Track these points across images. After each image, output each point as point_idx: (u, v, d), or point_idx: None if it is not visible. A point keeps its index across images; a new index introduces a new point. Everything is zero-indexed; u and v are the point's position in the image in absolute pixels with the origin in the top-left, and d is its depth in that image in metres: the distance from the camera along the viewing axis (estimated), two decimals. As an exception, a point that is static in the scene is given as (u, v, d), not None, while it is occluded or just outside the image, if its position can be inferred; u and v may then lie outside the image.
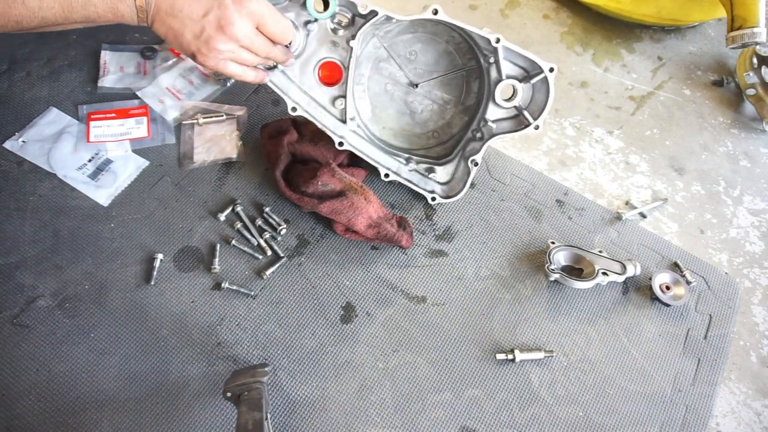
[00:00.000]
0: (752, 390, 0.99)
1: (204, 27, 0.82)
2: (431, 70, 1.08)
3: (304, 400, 0.91)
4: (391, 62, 1.07)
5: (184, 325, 0.95)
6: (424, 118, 1.10)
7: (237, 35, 0.83)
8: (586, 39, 1.45)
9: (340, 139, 1.03)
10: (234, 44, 0.84)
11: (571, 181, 1.20)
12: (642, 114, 1.32)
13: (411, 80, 1.08)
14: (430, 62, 1.07)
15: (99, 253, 1.00)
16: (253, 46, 0.87)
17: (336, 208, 1.01)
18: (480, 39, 0.99)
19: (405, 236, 1.03)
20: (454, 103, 1.10)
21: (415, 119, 1.10)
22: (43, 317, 0.93)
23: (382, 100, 1.09)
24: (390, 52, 1.06)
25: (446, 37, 1.05)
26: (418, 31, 1.04)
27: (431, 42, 1.06)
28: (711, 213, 1.18)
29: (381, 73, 1.08)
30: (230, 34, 0.83)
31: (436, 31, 1.04)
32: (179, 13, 0.82)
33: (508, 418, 0.92)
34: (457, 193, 1.08)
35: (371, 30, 1.01)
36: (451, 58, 1.07)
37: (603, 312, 1.03)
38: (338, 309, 0.99)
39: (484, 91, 1.05)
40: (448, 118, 1.10)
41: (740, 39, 1.21)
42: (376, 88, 1.09)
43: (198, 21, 0.82)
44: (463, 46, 1.05)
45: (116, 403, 0.88)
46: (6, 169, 1.06)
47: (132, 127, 1.13)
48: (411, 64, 1.08)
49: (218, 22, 0.82)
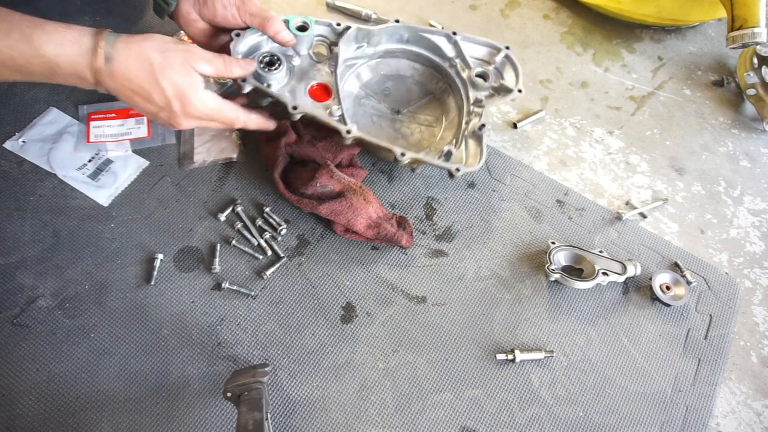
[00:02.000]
0: (752, 390, 0.99)
1: (159, 118, 0.90)
2: (407, 99, 1.17)
3: (304, 400, 0.91)
4: (370, 98, 1.15)
5: (184, 325, 0.95)
6: (416, 139, 1.13)
7: (190, 124, 0.92)
8: (586, 39, 1.44)
9: (347, 128, 1.01)
10: (191, 125, 0.92)
11: (571, 181, 1.20)
12: (642, 114, 1.32)
13: (392, 109, 1.16)
14: (404, 93, 1.18)
15: (99, 253, 1.00)
16: (210, 126, 0.95)
17: (335, 209, 1.01)
18: (439, 40, 1.13)
19: (405, 236, 1.03)
20: (439, 121, 1.15)
21: (409, 141, 1.13)
22: (43, 317, 0.93)
23: (371, 129, 1.12)
24: (366, 90, 1.16)
25: (410, 72, 1.19)
26: (385, 70, 1.19)
27: (398, 78, 1.18)
28: (711, 213, 1.18)
29: (364, 107, 1.15)
30: (184, 125, 0.91)
31: (399, 67, 1.18)
32: (138, 105, 0.89)
33: (508, 418, 0.92)
34: (479, 161, 1.03)
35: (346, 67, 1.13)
36: (420, 86, 1.18)
37: (603, 312, 1.03)
38: (338, 309, 0.99)
39: (461, 95, 1.13)
40: (440, 134, 1.13)
41: (740, 39, 1.21)
42: (364, 121, 1.13)
43: (152, 115, 0.90)
44: (426, 73, 1.18)
45: (116, 403, 0.88)
46: (6, 169, 1.06)
47: (132, 127, 1.13)
48: (388, 98, 1.17)
49: (169, 121, 0.91)
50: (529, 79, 1.35)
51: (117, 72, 0.84)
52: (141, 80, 0.84)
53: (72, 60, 0.81)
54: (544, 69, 1.38)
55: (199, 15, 1.00)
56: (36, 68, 0.81)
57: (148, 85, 0.85)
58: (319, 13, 1.42)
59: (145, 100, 0.87)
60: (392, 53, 1.17)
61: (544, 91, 1.34)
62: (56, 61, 0.81)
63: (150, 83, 0.85)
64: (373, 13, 1.40)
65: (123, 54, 0.83)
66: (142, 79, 0.84)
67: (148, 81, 0.84)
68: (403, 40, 1.16)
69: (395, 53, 1.17)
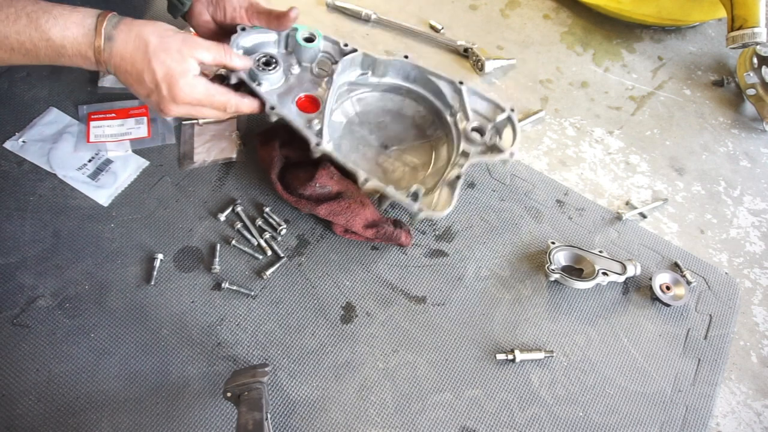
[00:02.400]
0: (752, 390, 0.99)
1: (152, 101, 0.90)
2: (401, 138, 1.13)
3: (304, 400, 0.91)
4: (363, 126, 1.12)
5: (184, 325, 0.95)
6: (396, 177, 1.08)
7: (179, 111, 0.91)
8: (586, 39, 1.44)
9: (316, 141, 0.98)
10: (180, 111, 0.92)
11: (571, 181, 1.20)
12: (642, 114, 1.32)
13: (381, 143, 1.12)
14: (399, 131, 1.14)
15: (99, 253, 1.00)
16: (198, 113, 0.94)
17: (334, 210, 1.01)
18: (444, 86, 1.08)
19: (403, 233, 1.03)
20: (426, 166, 1.10)
21: (388, 177, 1.08)
22: (43, 317, 0.93)
23: (353, 157, 1.09)
24: (361, 118, 1.13)
25: (411, 112, 1.14)
26: (387, 105, 1.14)
27: (398, 116, 1.14)
28: (711, 213, 1.18)
29: (353, 134, 1.12)
30: (173, 111, 0.91)
31: (402, 106, 1.14)
32: (128, 86, 0.90)
33: (508, 418, 0.92)
34: (447, 209, 0.97)
35: (347, 89, 1.11)
36: (418, 129, 1.13)
37: (603, 312, 1.03)
38: (338, 309, 0.99)
39: (454, 146, 1.07)
40: (422, 178, 1.08)
41: (740, 39, 1.21)
42: (348, 145, 1.10)
43: (144, 97, 0.90)
44: (428, 118, 1.13)
45: (116, 403, 0.88)
46: (6, 169, 1.06)
47: (132, 127, 1.13)
48: (381, 132, 1.13)
49: (158, 105, 0.90)
50: (529, 79, 1.35)
51: (115, 51, 0.86)
52: (135, 60, 0.86)
53: (77, 40, 0.84)
54: (544, 69, 1.38)
55: (211, 17, 1.02)
56: (43, 51, 0.84)
57: (140, 66, 0.86)
58: (319, 13, 1.42)
59: (137, 81, 0.88)
60: (397, 89, 1.13)
61: (544, 91, 1.34)
62: (62, 43, 0.83)
63: (143, 64, 0.86)
64: (373, 13, 1.40)
65: (123, 35, 0.85)
66: (136, 59, 0.86)
67: (142, 61, 0.86)
68: (409, 79, 1.12)
69: (400, 90, 1.13)
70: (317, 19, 1.41)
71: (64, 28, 0.83)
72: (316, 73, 1.06)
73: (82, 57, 0.86)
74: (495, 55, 1.37)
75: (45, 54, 0.84)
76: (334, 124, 1.10)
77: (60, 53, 0.85)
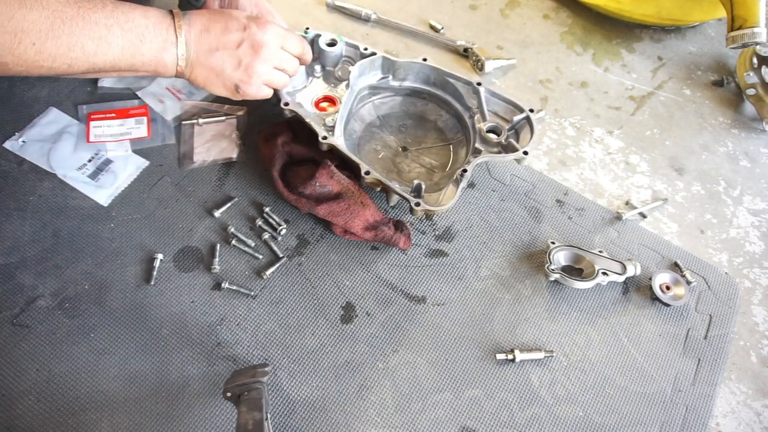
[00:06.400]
0: (752, 390, 0.99)
1: (240, 57, 0.90)
2: (420, 141, 1.15)
3: (304, 400, 0.91)
4: (383, 129, 1.15)
5: (184, 325, 0.95)
6: (412, 177, 1.11)
7: (270, 55, 0.92)
8: (586, 39, 1.44)
9: (323, 134, 1.02)
10: (269, 65, 0.92)
11: (571, 181, 1.20)
12: (642, 114, 1.32)
13: (402, 145, 1.14)
14: (420, 134, 1.16)
15: (99, 253, 1.00)
16: (283, 64, 0.95)
17: (333, 210, 1.01)
18: (463, 87, 1.11)
19: (402, 238, 1.03)
20: (443, 168, 1.12)
21: (403, 177, 1.11)
22: (43, 317, 0.93)
23: (370, 157, 1.12)
24: (382, 120, 1.16)
25: (434, 116, 1.17)
26: (410, 109, 1.17)
27: (420, 119, 1.17)
28: (711, 213, 1.18)
29: (373, 136, 1.14)
30: (264, 56, 0.91)
31: (425, 110, 1.17)
32: (216, 52, 0.89)
33: (508, 418, 0.92)
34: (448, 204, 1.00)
35: (369, 93, 1.14)
36: (439, 133, 1.17)
37: (603, 312, 1.03)
38: (338, 309, 0.99)
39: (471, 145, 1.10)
40: (436, 180, 1.10)
41: (740, 39, 1.21)
42: (367, 147, 1.13)
43: (234, 52, 0.89)
44: (450, 122, 1.16)
45: (116, 403, 0.88)
46: (6, 169, 1.06)
47: (132, 127, 1.13)
48: (402, 134, 1.16)
49: (252, 48, 0.90)
50: (528, 79, 1.35)
51: (194, 18, 0.88)
52: (214, 17, 0.89)
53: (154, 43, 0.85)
54: (544, 69, 1.38)
55: None
56: (123, 63, 0.85)
57: (224, 16, 0.90)
58: (319, 13, 1.42)
59: (223, 30, 0.88)
60: (419, 94, 1.16)
61: (544, 90, 1.34)
62: (140, 51, 0.85)
63: (226, 15, 0.90)
64: (373, 13, 1.40)
65: (197, 12, 0.90)
66: (215, 15, 0.89)
67: (222, 14, 0.90)
68: (429, 82, 1.15)
69: (422, 94, 1.16)
70: (317, 19, 1.41)
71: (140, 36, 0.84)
72: (338, 77, 1.13)
73: (161, 38, 0.85)
74: (495, 55, 1.37)
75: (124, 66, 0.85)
76: (354, 125, 1.13)
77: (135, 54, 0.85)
